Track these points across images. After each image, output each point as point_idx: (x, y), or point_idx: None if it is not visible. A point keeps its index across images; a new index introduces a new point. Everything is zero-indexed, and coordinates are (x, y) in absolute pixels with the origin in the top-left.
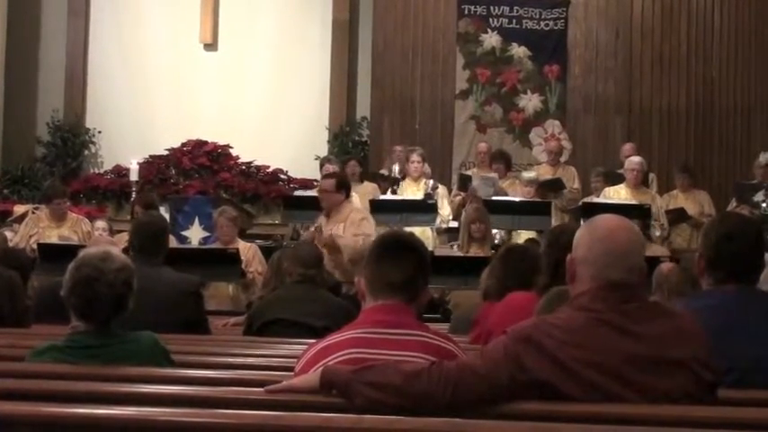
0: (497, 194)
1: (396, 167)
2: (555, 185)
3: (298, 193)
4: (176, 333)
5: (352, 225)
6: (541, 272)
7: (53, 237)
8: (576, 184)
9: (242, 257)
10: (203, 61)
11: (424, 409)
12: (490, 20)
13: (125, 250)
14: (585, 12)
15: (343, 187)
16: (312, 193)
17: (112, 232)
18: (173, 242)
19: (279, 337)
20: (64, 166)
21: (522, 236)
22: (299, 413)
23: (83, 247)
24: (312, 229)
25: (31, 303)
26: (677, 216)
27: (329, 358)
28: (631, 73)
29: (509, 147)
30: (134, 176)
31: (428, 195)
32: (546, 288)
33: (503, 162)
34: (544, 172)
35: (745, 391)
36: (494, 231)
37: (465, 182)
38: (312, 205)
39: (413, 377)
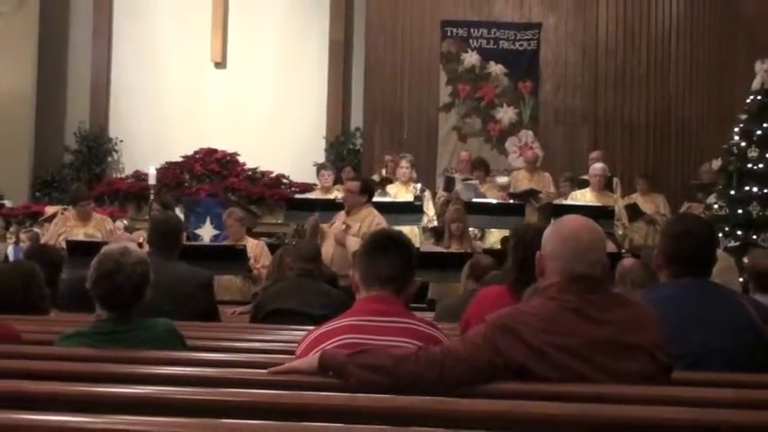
0: (478, 198)
1: (383, 172)
2: (527, 195)
3: (298, 195)
4: (190, 321)
5: (369, 228)
6: (510, 267)
7: (80, 235)
8: (552, 189)
9: (251, 254)
10: (213, 78)
11: (412, 389)
12: (470, 41)
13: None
14: (556, 34)
15: (367, 191)
16: (311, 195)
17: (129, 230)
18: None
19: (281, 325)
20: (89, 171)
21: (495, 234)
22: (299, 392)
23: (106, 243)
24: (337, 224)
25: (49, 293)
26: (633, 212)
27: (327, 343)
28: (597, 89)
29: (487, 154)
30: (152, 181)
31: (417, 198)
32: (515, 282)
33: (482, 168)
34: (522, 177)
35: (698, 373)
36: (470, 229)
37: (449, 183)
38: (311, 206)
39: (402, 360)
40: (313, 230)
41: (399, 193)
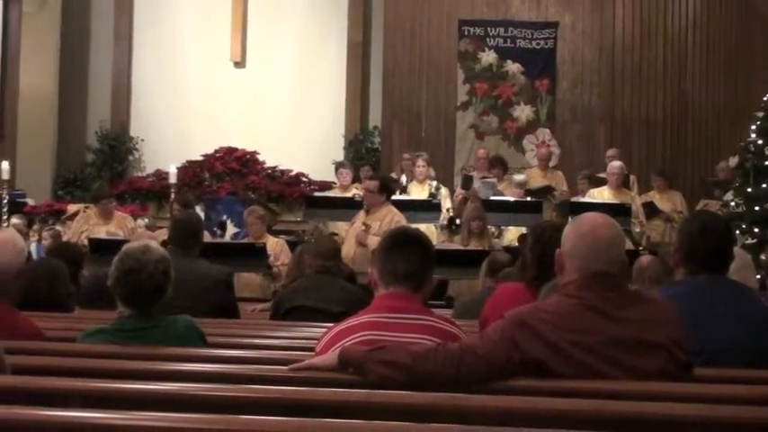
0: (496, 196)
1: (403, 177)
2: (544, 191)
3: (317, 193)
4: (210, 317)
5: (388, 226)
6: (528, 264)
7: (101, 233)
8: (565, 187)
9: (271, 251)
10: (233, 77)
11: (430, 386)
12: (487, 39)
13: (164, 243)
14: (573, 32)
15: (386, 190)
16: (330, 193)
17: (150, 228)
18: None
19: (301, 322)
20: (111, 170)
21: (512, 231)
22: (318, 388)
23: (127, 241)
24: (357, 223)
25: (74, 291)
26: (649, 210)
27: (346, 340)
28: (613, 87)
29: (505, 152)
30: (173, 179)
31: (432, 195)
32: (534, 279)
33: (500, 166)
34: (535, 175)
35: (714, 370)
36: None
37: (467, 181)
38: (330, 204)
39: (420, 357)
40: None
41: (415, 191)
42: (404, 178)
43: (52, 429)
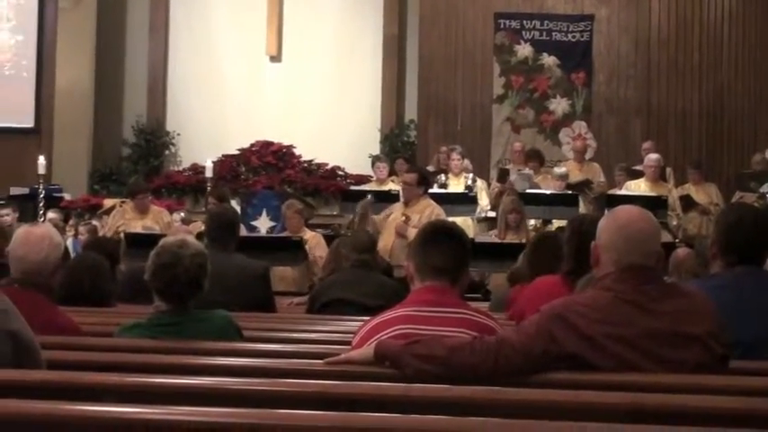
0: (532, 188)
1: (441, 177)
2: (582, 185)
3: (353, 187)
4: (246, 311)
5: (429, 219)
6: (565, 257)
7: (138, 227)
8: (602, 178)
9: (308, 245)
10: (269, 71)
11: (467, 379)
12: (523, 33)
13: (198, 236)
14: (608, 25)
15: (424, 183)
16: (366, 187)
17: (186, 222)
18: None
19: (337, 315)
20: (147, 164)
21: (556, 225)
22: (355, 382)
23: (163, 236)
24: (394, 215)
25: (115, 287)
26: (686, 203)
27: (382, 333)
28: (649, 79)
29: (541, 145)
30: (209, 173)
31: (468, 188)
32: (570, 272)
33: (537, 159)
34: (571, 168)
35: (752, 362)
36: (530, 221)
37: (503, 174)
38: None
39: (457, 350)
40: (363, 215)
41: (452, 184)
42: (442, 177)
43: (88, 424)
